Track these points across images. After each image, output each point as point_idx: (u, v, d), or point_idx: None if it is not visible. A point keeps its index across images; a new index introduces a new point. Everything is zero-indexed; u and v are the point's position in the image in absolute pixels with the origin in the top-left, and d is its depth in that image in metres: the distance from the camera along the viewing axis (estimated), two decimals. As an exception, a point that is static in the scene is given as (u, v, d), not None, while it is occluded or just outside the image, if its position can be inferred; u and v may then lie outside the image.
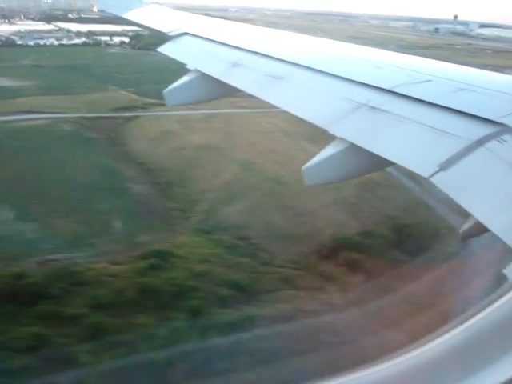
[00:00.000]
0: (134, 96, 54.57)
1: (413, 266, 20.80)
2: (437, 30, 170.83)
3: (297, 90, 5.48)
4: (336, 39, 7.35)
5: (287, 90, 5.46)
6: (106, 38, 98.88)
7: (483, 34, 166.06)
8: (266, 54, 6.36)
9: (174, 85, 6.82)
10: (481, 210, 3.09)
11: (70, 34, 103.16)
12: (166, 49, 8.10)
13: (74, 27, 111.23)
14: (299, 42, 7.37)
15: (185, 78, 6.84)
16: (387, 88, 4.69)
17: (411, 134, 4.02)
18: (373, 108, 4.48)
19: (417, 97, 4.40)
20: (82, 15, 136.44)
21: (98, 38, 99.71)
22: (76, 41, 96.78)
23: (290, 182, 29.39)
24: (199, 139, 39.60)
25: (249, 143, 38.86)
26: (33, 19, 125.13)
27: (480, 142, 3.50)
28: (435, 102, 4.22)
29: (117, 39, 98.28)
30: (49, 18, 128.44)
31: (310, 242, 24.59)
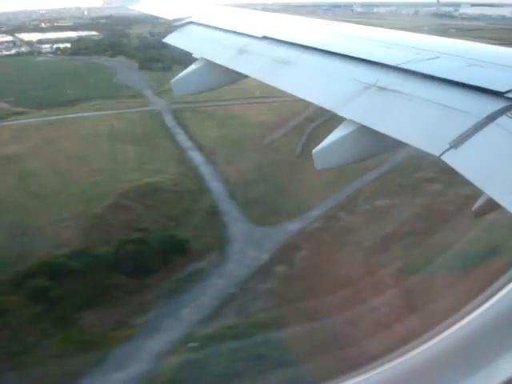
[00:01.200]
0: (3, 105, 54.13)
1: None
2: (416, 12, 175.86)
3: (304, 73, 5.41)
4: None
5: (295, 74, 5.40)
6: (47, 46, 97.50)
7: (465, 13, 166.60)
8: (273, 38, 6.30)
9: (181, 74, 6.81)
10: (493, 187, 3.04)
11: (14, 45, 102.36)
12: (171, 39, 8.13)
13: (32, 37, 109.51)
14: (305, 25, 7.28)
15: (192, 67, 6.83)
16: (395, 65, 4.61)
17: (420, 112, 3.96)
18: (381, 88, 4.41)
19: (425, 72, 4.31)
20: (56, 24, 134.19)
21: (39, 46, 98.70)
22: (13, 51, 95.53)
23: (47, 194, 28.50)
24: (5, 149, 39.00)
25: (57, 150, 38.16)
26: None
27: (490, 118, 3.41)
28: (445, 77, 4.12)
29: (60, 46, 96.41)
30: (18, 29, 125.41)
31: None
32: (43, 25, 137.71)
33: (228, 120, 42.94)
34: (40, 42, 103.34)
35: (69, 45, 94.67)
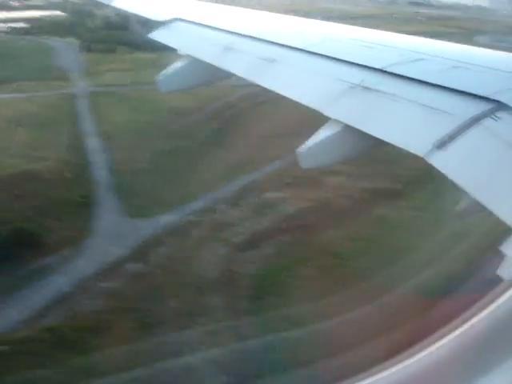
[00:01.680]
0: None
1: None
2: (393, 1, 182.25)
3: (289, 72, 5.48)
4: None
5: (280, 73, 5.46)
6: (3, 25, 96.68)
7: (440, 2, 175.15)
8: (259, 37, 6.33)
9: (166, 71, 6.74)
10: (477, 189, 3.09)
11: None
12: (156, 35, 7.96)
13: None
14: (291, 24, 7.34)
15: (177, 64, 6.76)
16: (380, 68, 4.69)
17: (406, 113, 4.03)
18: (366, 88, 4.47)
19: (410, 76, 4.39)
20: (27, 2, 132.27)
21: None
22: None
23: None
24: None
25: None
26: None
27: (475, 120, 3.50)
28: (429, 80, 4.22)
29: (16, 25, 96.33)
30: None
31: None
32: (15, 3, 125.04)
33: (145, 105, 41.30)
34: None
35: (24, 24, 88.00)
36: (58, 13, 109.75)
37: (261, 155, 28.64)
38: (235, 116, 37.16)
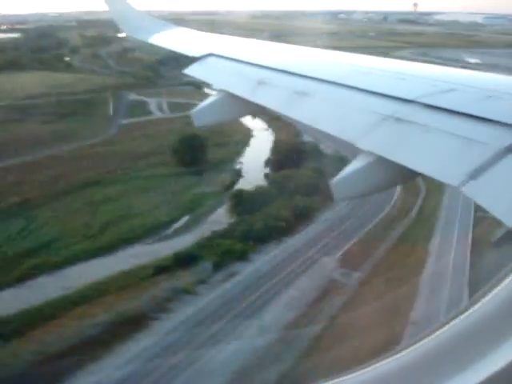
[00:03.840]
0: None
1: None
2: (385, 18, 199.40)
3: (321, 105, 5.50)
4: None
5: (312, 106, 5.49)
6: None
7: (438, 20, 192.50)
8: (291, 71, 6.40)
9: (201, 105, 6.88)
10: None
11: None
12: (192, 70, 8.17)
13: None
14: (323, 57, 7.42)
15: (211, 99, 6.91)
16: (412, 99, 4.68)
17: (438, 144, 4.00)
18: (398, 119, 4.46)
19: (443, 106, 4.37)
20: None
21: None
22: None
23: None
24: None
25: None
26: None
27: (509, 149, 3.45)
28: (462, 110, 4.19)
29: None
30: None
31: None
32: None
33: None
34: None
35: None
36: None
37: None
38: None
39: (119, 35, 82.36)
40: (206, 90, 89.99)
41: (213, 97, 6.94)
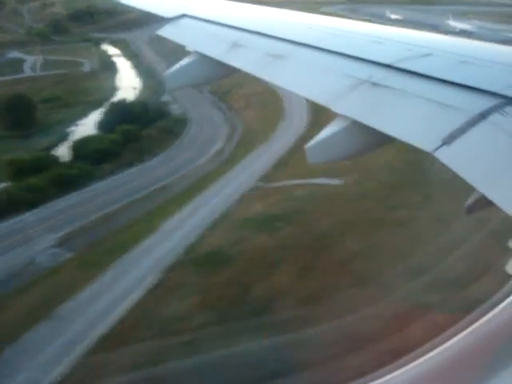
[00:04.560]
0: None
1: None
2: None
3: (297, 68, 5.44)
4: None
5: (287, 69, 5.43)
6: None
7: None
8: (266, 33, 6.32)
9: (174, 67, 6.74)
10: (485, 184, 3.06)
11: None
12: (164, 31, 8.01)
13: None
14: (298, 19, 7.32)
15: (185, 60, 6.77)
16: (388, 63, 4.66)
17: (413, 109, 4.00)
18: (374, 84, 4.45)
19: (418, 71, 4.36)
20: None
21: None
22: None
23: None
24: None
25: None
26: None
27: (483, 115, 3.47)
28: (437, 75, 4.19)
29: None
30: None
31: None
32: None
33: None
34: None
35: None
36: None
37: None
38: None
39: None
40: (105, 47, 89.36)
41: (186, 59, 6.79)
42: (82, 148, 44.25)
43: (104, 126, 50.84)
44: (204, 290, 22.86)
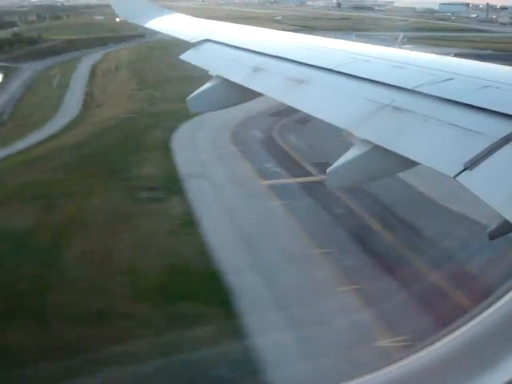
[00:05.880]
0: None
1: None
2: (339, 4, 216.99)
3: (318, 93, 5.47)
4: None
5: (309, 94, 5.46)
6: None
7: (394, 6, 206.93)
8: (287, 57, 6.37)
9: (197, 92, 6.80)
10: (508, 209, 3.01)
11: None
12: (187, 56, 8.12)
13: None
14: (320, 44, 7.35)
15: (207, 85, 6.84)
16: (410, 88, 4.66)
17: (435, 133, 3.99)
18: (396, 108, 4.44)
19: (441, 96, 4.35)
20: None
21: None
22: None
23: None
24: None
25: None
26: None
27: (506, 140, 3.43)
28: (460, 100, 4.17)
29: None
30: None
31: None
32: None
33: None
34: None
35: None
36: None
37: None
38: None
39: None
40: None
41: (209, 83, 6.86)
42: None
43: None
44: None
